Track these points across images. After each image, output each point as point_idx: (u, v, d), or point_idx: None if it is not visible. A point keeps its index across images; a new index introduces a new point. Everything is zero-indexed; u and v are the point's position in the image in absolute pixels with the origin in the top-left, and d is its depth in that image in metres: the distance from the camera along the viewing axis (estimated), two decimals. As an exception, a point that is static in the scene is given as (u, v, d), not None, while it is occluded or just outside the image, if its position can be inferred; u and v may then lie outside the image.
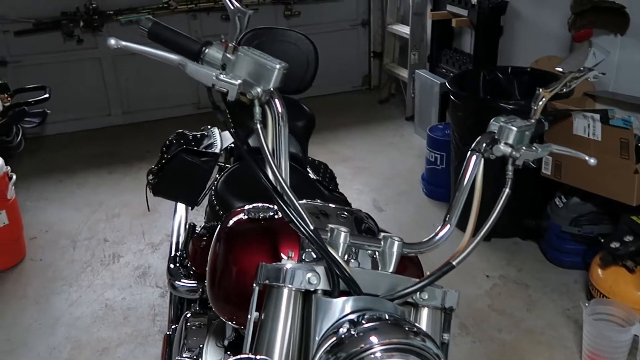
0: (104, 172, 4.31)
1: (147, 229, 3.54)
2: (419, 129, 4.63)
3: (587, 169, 2.63)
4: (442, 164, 3.63)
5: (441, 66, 4.52)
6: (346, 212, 1.26)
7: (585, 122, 2.57)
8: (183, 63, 1.05)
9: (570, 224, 2.89)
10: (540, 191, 3.04)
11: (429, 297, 1.10)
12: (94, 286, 3.04)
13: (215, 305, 1.34)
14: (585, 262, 2.88)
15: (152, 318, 2.78)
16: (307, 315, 1.05)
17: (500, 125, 1.18)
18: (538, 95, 1.24)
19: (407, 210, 3.66)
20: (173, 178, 2.08)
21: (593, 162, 1.30)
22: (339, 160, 4.20)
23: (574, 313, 2.71)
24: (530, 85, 3.32)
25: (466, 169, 1.16)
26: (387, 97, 5.48)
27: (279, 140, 1.09)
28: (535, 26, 3.72)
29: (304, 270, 1.04)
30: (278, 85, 1.05)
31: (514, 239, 3.25)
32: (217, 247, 1.34)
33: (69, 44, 4.80)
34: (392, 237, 1.12)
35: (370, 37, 5.62)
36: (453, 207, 1.17)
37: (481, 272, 3.02)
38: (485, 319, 2.72)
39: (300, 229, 1.04)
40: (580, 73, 1.27)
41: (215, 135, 2.31)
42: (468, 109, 3.11)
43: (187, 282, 1.90)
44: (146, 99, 5.16)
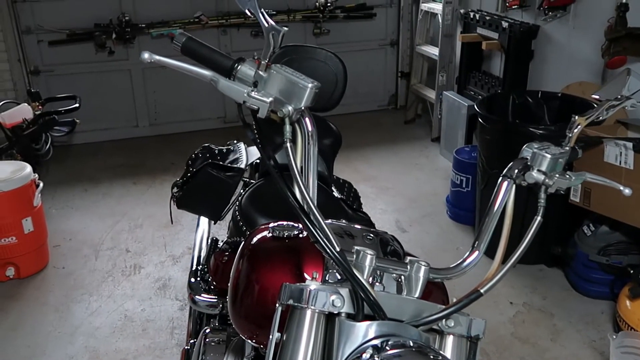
0: (128, 182, 4.35)
1: (168, 241, 3.55)
2: (445, 150, 4.60)
3: (617, 198, 2.57)
4: (468, 187, 3.59)
5: (469, 88, 4.50)
6: (372, 233, 1.24)
7: (617, 150, 2.52)
8: (215, 79, 1.04)
9: (599, 253, 2.82)
10: (568, 218, 2.98)
11: (454, 324, 1.08)
12: (114, 296, 3.05)
13: (236, 323, 1.32)
14: (613, 293, 2.81)
15: (171, 331, 2.78)
16: (330, 339, 1.03)
17: (534, 151, 1.16)
18: (573, 122, 1.21)
19: (431, 232, 3.62)
20: (197, 192, 2.08)
21: (628, 192, 1.26)
22: (363, 179, 4.18)
23: (600, 345, 2.64)
24: (560, 110, 3.28)
25: (497, 194, 1.14)
26: (414, 117, 5.46)
27: (307, 159, 1.08)
28: (567, 51, 3.68)
29: (328, 292, 1.02)
30: (309, 104, 1.04)
31: (540, 265, 3.19)
32: (240, 264, 1.33)
33: (101, 55, 4.88)
34: (418, 262, 1.09)
35: (398, 57, 5.62)
36: (482, 233, 1.14)
37: (505, 299, 2.96)
38: (508, 347, 2.66)
39: (326, 250, 1.02)
40: (618, 101, 1.24)
41: (241, 150, 2.31)
42: (496, 132, 3.07)
43: (207, 297, 1.88)
44: (173, 112, 5.21)
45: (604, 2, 3.29)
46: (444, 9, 4.66)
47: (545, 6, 3.68)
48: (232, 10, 4.99)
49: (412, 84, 5.40)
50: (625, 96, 1.26)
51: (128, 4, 4.84)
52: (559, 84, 3.55)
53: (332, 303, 1.02)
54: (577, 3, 3.54)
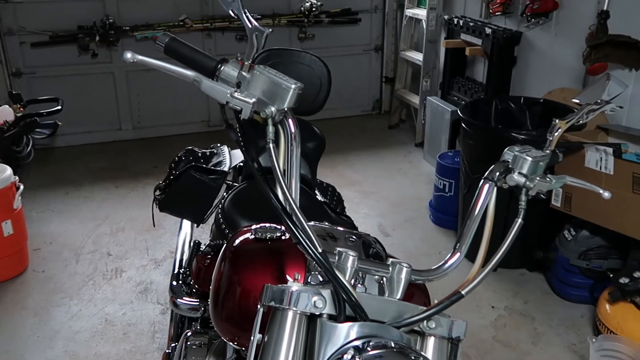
0: (111, 186, 4.31)
1: (151, 245, 3.52)
2: (428, 155, 4.62)
3: (598, 203, 2.60)
4: (451, 191, 3.61)
5: (453, 94, 4.53)
6: (354, 235, 1.24)
7: (597, 155, 2.55)
8: (198, 79, 1.04)
9: (579, 257, 2.85)
10: (550, 223, 3.01)
11: (436, 326, 1.08)
12: (95, 300, 3.02)
13: (218, 325, 1.32)
14: (593, 297, 2.84)
15: (152, 335, 2.75)
16: (311, 340, 1.02)
17: (515, 154, 1.17)
18: (554, 126, 1.23)
19: (414, 236, 3.64)
20: (180, 194, 2.07)
21: (607, 196, 1.28)
22: (347, 183, 4.19)
23: (580, 348, 2.66)
24: (542, 116, 3.31)
25: (478, 197, 1.15)
26: (398, 122, 5.49)
27: (290, 160, 1.08)
28: (549, 58, 3.72)
29: (309, 294, 1.02)
30: (293, 105, 1.04)
31: (521, 270, 3.22)
32: (222, 266, 1.33)
33: (84, 57, 4.85)
34: (400, 263, 1.10)
35: (382, 62, 5.65)
36: (464, 235, 1.15)
37: (486, 303, 2.98)
38: (489, 350, 2.67)
39: (308, 252, 1.02)
40: (598, 105, 1.26)
41: (225, 154, 2.30)
42: (479, 137, 3.10)
43: (189, 300, 1.87)
44: (157, 115, 5.19)
45: (585, 10, 3.33)
46: (428, 15, 4.70)
47: (528, 13, 3.71)
48: (216, 14, 4.98)
49: (396, 89, 5.42)
50: (604, 100, 1.27)
51: (112, 7, 4.81)
52: (541, 89, 3.59)
53: (313, 304, 1.01)
54: (560, 10, 3.58)
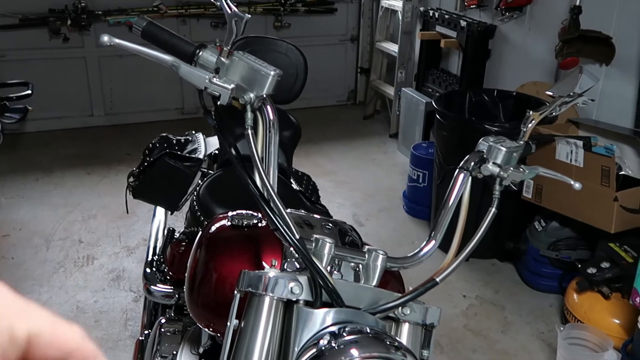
0: (82, 172, 4.26)
1: (123, 232, 3.49)
2: (402, 146, 4.66)
3: (568, 195, 2.66)
4: (424, 182, 3.65)
5: (427, 85, 4.56)
6: (331, 223, 1.25)
7: (568, 148, 2.60)
8: (176, 64, 1.03)
9: (548, 248, 2.91)
10: (521, 214, 3.06)
11: (410, 312, 1.09)
12: (66, 287, 2.98)
13: (193, 312, 1.32)
14: (562, 287, 2.90)
15: (124, 323, 2.74)
16: (288, 325, 1.03)
17: (490, 145, 1.19)
18: (528, 118, 1.25)
19: (387, 226, 3.67)
20: (154, 181, 2.05)
21: (578, 187, 1.31)
22: (322, 173, 4.19)
23: (548, 337, 2.72)
24: (515, 109, 3.36)
25: (453, 186, 1.17)
26: (372, 113, 5.51)
27: (268, 147, 1.08)
28: (522, 51, 3.77)
29: (286, 280, 1.02)
30: (271, 92, 1.04)
31: (492, 260, 3.27)
32: (198, 252, 1.32)
33: (55, 41, 4.76)
34: (376, 251, 1.11)
35: (358, 52, 5.65)
36: (439, 224, 1.16)
37: (458, 292, 3.02)
38: (460, 339, 2.72)
39: (286, 238, 1.02)
40: (570, 98, 1.28)
41: (200, 141, 2.29)
42: (453, 129, 3.13)
43: (163, 287, 1.86)
44: (129, 102, 5.12)
45: (558, 5, 3.38)
46: (404, 7, 4.71)
47: (502, 6, 3.75)
48: (192, 0, 4.93)
49: (372, 79, 5.44)
50: (577, 93, 1.30)
51: (84, -10, 4.72)
52: (514, 83, 3.64)
53: (290, 290, 1.02)
54: (533, 4, 3.62)
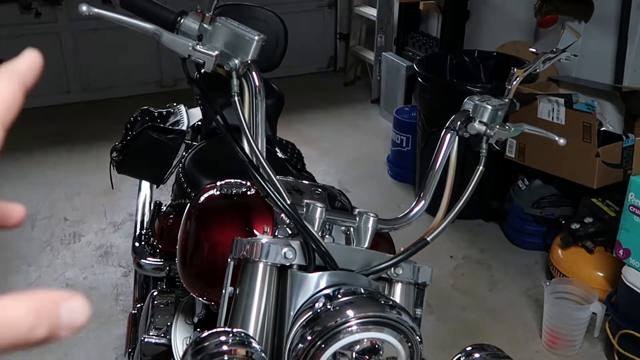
0: (62, 150, 4.20)
1: (108, 208, 3.47)
2: (385, 111, 4.65)
3: (550, 153, 2.68)
4: (408, 146, 3.66)
5: (407, 49, 4.53)
6: (320, 188, 1.25)
7: (549, 106, 2.61)
8: (158, 32, 1.02)
9: (532, 206, 2.95)
10: (504, 174, 3.09)
11: (403, 272, 1.11)
12: (54, 265, 2.97)
13: (187, 282, 1.32)
14: (546, 244, 2.95)
15: (115, 297, 2.74)
16: (282, 290, 1.04)
17: (475, 103, 1.20)
18: (512, 75, 1.25)
19: (372, 191, 3.69)
20: (138, 155, 2.04)
21: (563, 142, 1.32)
22: (305, 141, 4.17)
23: (534, 293, 2.78)
24: (496, 69, 3.36)
25: (440, 146, 1.18)
26: (353, 79, 5.48)
27: (255, 114, 1.08)
28: (501, 11, 3.76)
29: (279, 245, 1.03)
30: (256, 57, 1.03)
31: (478, 220, 3.31)
32: (188, 223, 1.32)
33: (26, 17, 4.64)
34: (367, 213, 1.12)
35: (336, 18, 5.59)
36: (427, 184, 1.17)
37: (445, 253, 3.06)
38: (449, 298, 2.77)
39: (277, 204, 1.03)
40: (553, 54, 1.29)
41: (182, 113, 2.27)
42: (435, 91, 3.13)
43: (153, 260, 1.87)
44: (107, 76, 5.03)
45: (536, -38, 3.36)
46: (382, -31, 4.66)
47: (480, -34, 3.73)
48: (165, -30, 4.83)
49: (351, 45, 5.40)
50: (560, 49, 1.30)
51: (54, -37, 4.60)
52: (494, 43, 3.63)
53: (284, 255, 1.03)
54: (511, -37, 3.60)
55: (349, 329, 0.94)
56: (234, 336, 0.91)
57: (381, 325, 0.95)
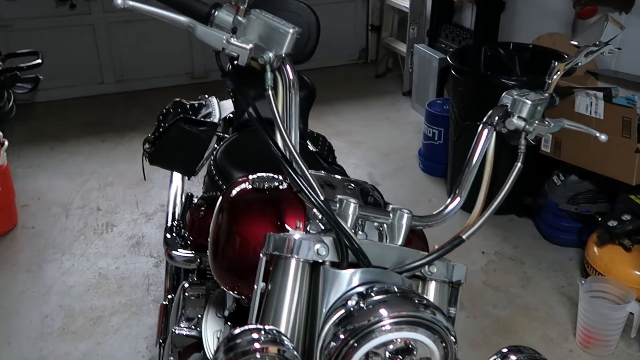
0: (96, 140, 4.26)
1: (140, 199, 3.50)
2: (416, 104, 4.60)
3: (587, 148, 2.62)
4: (440, 139, 3.61)
5: (440, 41, 4.47)
6: (352, 183, 1.23)
7: (588, 100, 2.55)
8: (192, 25, 1.01)
9: (568, 202, 2.89)
10: (539, 169, 3.03)
11: (437, 270, 1.09)
12: (87, 255, 3.01)
13: (218, 275, 1.32)
14: (581, 240, 2.88)
15: (147, 288, 2.77)
16: (315, 287, 1.03)
17: (514, 98, 1.17)
18: (553, 68, 1.21)
19: (404, 185, 3.65)
20: (170, 147, 2.05)
21: (604, 139, 1.29)
22: (336, 133, 4.16)
23: (568, 290, 2.72)
24: (531, 62, 3.29)
25: (477, 142, 1.15)
26: (384, 71, 5.43)
27: (289, 107, 1.06)
28: (537, 2, 3.67)
29: (312, 241, 1.02)
30: (290, 50, 1.02)
31: (510, 215, 3.25)
32: (220, 216, 1.32)
33: (62, 9, 4.70)
34: (401, 210, 1.10)
35: (368, 10, 5.54)
36: (463, 180, 1.15)
37: (477, 249, 3.02)
38: (481, 294, 2.73)
39: (310, 199, 1.01)
40: (596, 47, 1.24)
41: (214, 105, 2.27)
42: (469, 84, 3.08)
43: (184, 252, 1.87)
44: (140, 68, 5.08)
45: (575, -48, 3.27)
46: (415, -40, 4.60)
47: (516, -44, 3.65)
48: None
49: (383, 37, 5.35)
50: (603, 42, 1.26)
51: (89, -45, 4.65)
52: (530, 35, 3.55)
53: (316, 252, 1.01)
54: (549, -47, 3.52)
55: (382, 329, 0.92)
56: (266, 334, 0.90)
57: (415, 325, 0.93)
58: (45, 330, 2.53)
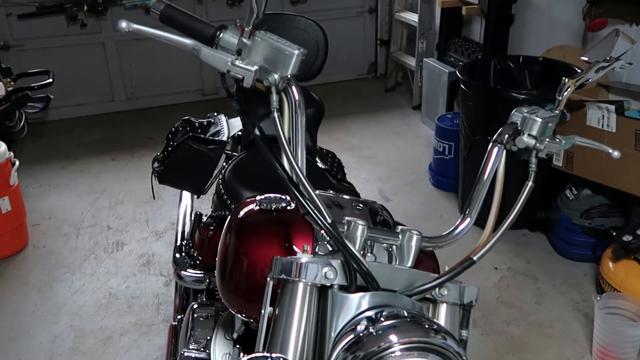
0: (107, 158, 4.27)
1: (151, 217, 3.50)
2: (426, 118, 4.59)
3: (600, 161, 2.58)
4: (450, 154, 3.59)
5: (449, 55, 4.46)
6: (361, 203, 1.22)
7: (599, 113, 2.52)
8: (197, 48, 1.01)
9: (581, 216, 2.85)
10: (551, 183, 3.00)
11: (447, 292, 1.07)
12: (98, 274, 3.01)
13: (225, 298, 1.30)
14: (595, 255, 2.84)
15: (157, 307, 2.76)
16: (323, 311, 1.01)
17: (524, 116, 1.15)
18: (563, 85, 1.19)
19: (414, 200, 3.62)
20: (179, 166, 2.05)
21: (617, 155, 1.26)
22: (345, 148, 4.15)
23: (583, 306, 2.68)
24: (541, 75, 3.27)
25: (487, 160, 1.13)
26: (394, 85, 5.43)
27: (295, 128, 1.05)
28: (547, 15, 3.66)
29: (320, 265, 1.00)
30: (296, 72, 1.01)
31: (523, 230, 3.22)
32: (227, 238, 1.30)
33: (73, 28, 4.75)
34: (410, 231, 1.08)
35: (377, 24, 5.55)
36: (473, 200, 1.13)
37: (489, 264, 2.98)
38: (494, 311, 2.69)
39: (318, 222, 1.00)
40: (607, 63, 1.22)
41: (222, 123, 2.27)
42: (479, 98, 3.06)
43: (193, 272, 1.86)
44: (150, 85, 5.11)
45: (584, -36, 3.25)
46: (423, -26, 4.60)
47: (524, -31, 3.64)
48: (206, -21, 4.88)
49: (392, 51, 5.35)
50: (614, 57, 1.24)
51: (99, -25, 4.69)
52: (540, 48, 3.53)
53: (324, 275, 1.00)
54: (557, -35, 3.50)
55: (392, 355, 0.90)
56: (273, 363, 0.89)
57: (426, 350, 0.91)
58: (56, 351, 2.52)
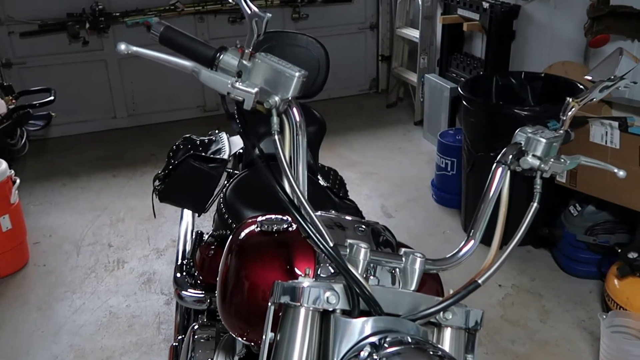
0: (108, 175, 4.26)
1: (152, 235, 3.48)
2: (428, 134, 4.58)
3: (604, 178, 2.56)
4: (453, 170, 3.57)
5: (451, 70, 4.46)
6: (363, 224, 1.20)
7: (603, 130, 2.50)
8: (197, 70, 1.00)
9: (586, 233, 2.82)
10: (554, 199, 2.98)
11: (452, 316, 1.05)
12: (98, 293, 2.99)
13: (226, 321, 1.28)
14: (601, 272, 2.81)
15: (157, 326, 2.73)
16: (325, 336, 0.99)
17: (528, 136, 1.13)
18: (567, 105, 1.18)
19: (417, 216, 3.60)
20: (180, 184, 2.03)
21: (622, 175, 1.24)
22: (347, 165, 4.14)
23: (589, 324, 2.64)
24: (543, 91, 3.26)
25: (491, 181, 1.11)
26: (395, 101, 5.43)
27: (296, 150, 1.04)
28: (548, 31, 3.66)
29: (321, 289, 0.98)
30: (297, 94, 1.00)
31: (527, 247, 3.19)
32: (228, 260, 1.29)
33: (75, 45, 4.77)
34: (413, 253, 1.06)
35: (378, 40, 5.57)
36: (477, 221, 1.11)
37: (493, 281, 2.95)
38: (498, 330, 2.66)
39: (319, 246, 0.98)
40: (611, 82, 1.21)
41: (224, 140, 2.26)
42: (481, 114, 3.04)
43: (194, 292, 1.84)
44: (152, 102, 5.12)
45: (584, -20, 3.26)
46: (424, -9, 4.61)
47: (525, -15, 3.65)
48: (208, -3, 4.90)
49: (393, 67, 5.35)
50: (618, 77, 1.23)
51: (101, -7, 4.71)
52: (542, 64, 3.53)
53: (326, 300, 0.98)
54: (558, -18, 3.51)
55: (396, 382, 0.88)
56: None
57: (431, 378, 0.89)
58: (55, 372, 2.49)
